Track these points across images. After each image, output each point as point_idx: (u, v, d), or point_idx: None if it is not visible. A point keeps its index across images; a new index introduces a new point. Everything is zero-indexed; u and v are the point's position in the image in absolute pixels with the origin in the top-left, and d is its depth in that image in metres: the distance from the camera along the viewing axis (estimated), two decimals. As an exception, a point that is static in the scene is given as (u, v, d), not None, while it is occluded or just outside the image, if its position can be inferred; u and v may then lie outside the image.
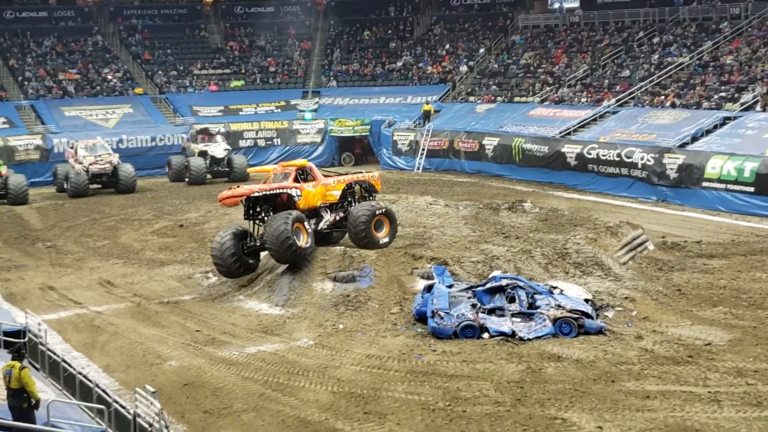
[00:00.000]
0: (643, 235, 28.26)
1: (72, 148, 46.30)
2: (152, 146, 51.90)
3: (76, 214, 39.57)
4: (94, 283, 27.61)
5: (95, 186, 45.13)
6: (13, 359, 14.39)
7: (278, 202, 25.93)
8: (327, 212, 26.96)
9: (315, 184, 26.53)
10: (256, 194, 25.50)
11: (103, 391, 16.13)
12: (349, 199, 27.48)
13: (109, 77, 57.58)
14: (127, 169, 45.53)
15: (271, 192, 25.76)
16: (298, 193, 25.94)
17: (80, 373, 17.33)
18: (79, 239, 34.33)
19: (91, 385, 16.37)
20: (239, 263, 25.46)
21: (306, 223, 25.07)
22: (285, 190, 25.84)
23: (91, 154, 45.12)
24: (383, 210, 26.63)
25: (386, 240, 26.49)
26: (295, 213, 24.93)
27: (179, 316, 23.72)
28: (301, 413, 16.71)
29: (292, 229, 24.26)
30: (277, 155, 53.53)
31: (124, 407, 15.32)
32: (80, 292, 26.58)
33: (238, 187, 26.19)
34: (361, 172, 29.13)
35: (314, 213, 26.61)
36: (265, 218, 25.54)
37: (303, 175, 26.54)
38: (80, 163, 44.76)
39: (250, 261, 25.92)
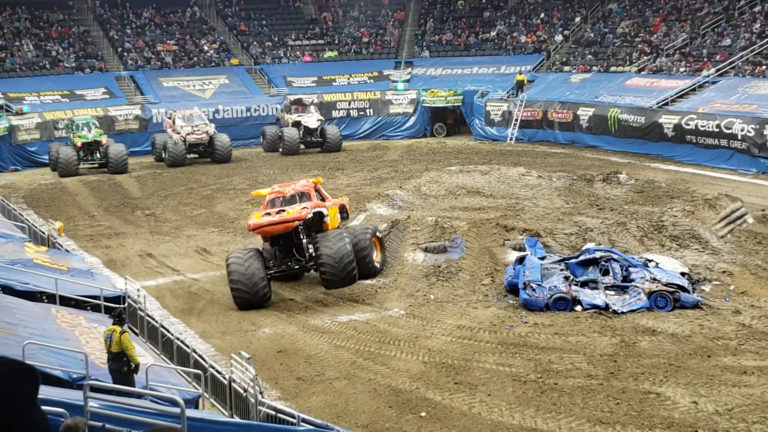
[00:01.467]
0: (743, 207, 27.61)
1: (170, 118, 47.11)
2: (247, 116, 52.50)
3: (174, 183, 40.37)
4: (191, 251, 28.19)
5: (192, 155, 45.90)
6: (114, 324, 14.83)
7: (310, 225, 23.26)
8: None
9: (330, 204, 24.10)
10: (310, 215, 22.44)
11: (200, 356, 16.54)
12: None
13: (206, 48, 58.41)
14: (223, 139, 46.20)
15: (317, 211, 23.01)
16: (326, 213, 23.47)
17: (178, 339, 17.78)
18: (177, 207, 35.04)
19: (189, 350, 16.78)
20: (266, 290, 21.85)
21: None
22: (321, 209, 23.12)
23: (188, 124, 45.82)
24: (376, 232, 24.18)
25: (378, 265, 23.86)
26: (345, 232, 22.64)
27: (273, 284, 24.04)
28: (392, 382, 16.85)
29: (352, 250, 22.04)
30: (369, 126, 53.74)
31: (220, 372, 15.69)
32: (178, 260, 27.17)
33: (280, 212, 22.22)
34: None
35: None
36: (302, 242, 22.68)
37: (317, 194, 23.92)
38: (178, 133, 45.53)
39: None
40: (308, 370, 17.78)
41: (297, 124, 48.54)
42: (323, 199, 23.93)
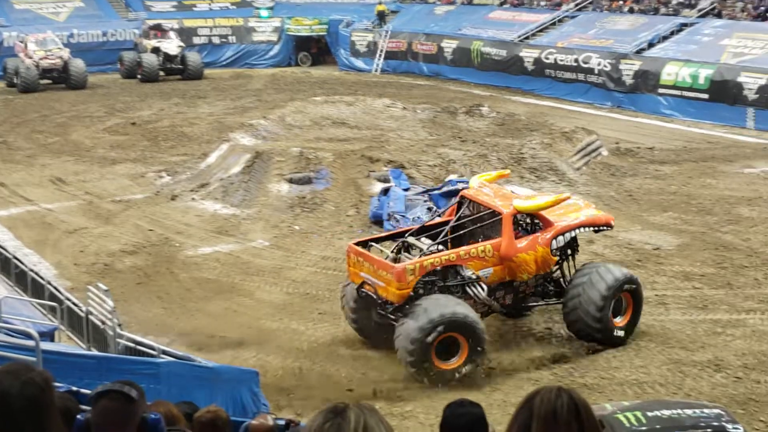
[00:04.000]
0: (598, 140, 28.45)
1: (22, 42, 45.14)
2: (104, 41, 50.65)
3: (27, 110, 38.82)
4: (45, 180, 27.24)
5: (46, 81, 44.12)
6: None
7: None
8: None
9: None
10: None
11: (56, 288, 16.06)
12: None
13: (59, -31, 55.87)
14: (78, 64, 44.56)
15: None
16: None
17: (32, 270, 17.21)
18: (30, 135, 33.73)
19: (43, 282, 16.28)
20: None
21: None
22: None
23: (42, 48, 44.06)
24: None
25: None
26: None
27: (132, 215, 23.53)
28: (256, 313, 16.79)
29: None
30: (232, 53, 52.63)
31: (76, 305, 15.29)
32: (31, 189, 26.24)
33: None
34: None
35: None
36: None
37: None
38: (30, 57, 43.72)
39: None
40: (170, 301, 17.53)
41: (156, 50, 47.17)
42: None
